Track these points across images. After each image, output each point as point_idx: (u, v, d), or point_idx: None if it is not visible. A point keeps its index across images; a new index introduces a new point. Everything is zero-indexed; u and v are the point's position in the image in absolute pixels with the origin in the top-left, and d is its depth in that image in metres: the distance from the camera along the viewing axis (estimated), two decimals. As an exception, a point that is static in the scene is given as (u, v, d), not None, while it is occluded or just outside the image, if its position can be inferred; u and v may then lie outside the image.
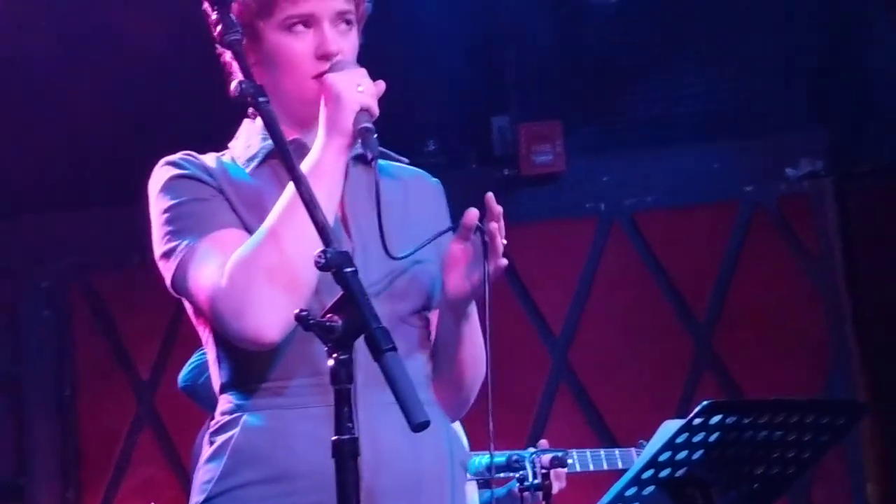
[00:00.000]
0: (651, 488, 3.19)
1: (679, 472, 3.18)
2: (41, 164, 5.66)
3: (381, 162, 2.55)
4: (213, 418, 2.56)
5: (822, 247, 6.06)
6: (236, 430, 2.46)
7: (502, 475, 3.89)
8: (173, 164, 2.54)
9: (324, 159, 2.43)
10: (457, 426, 4.01)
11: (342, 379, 2.21)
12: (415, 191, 2.66)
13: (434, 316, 2.60)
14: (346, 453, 2.19)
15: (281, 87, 2.52)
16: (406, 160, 2.66)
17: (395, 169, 2.65)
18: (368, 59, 2.56)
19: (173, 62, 5.21)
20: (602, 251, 6.07)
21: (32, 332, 6.01)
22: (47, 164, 5.67)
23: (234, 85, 2.41)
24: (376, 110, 2.44)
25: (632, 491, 3.19)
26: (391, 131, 2.50)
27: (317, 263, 2.22)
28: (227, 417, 2.49)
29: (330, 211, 2.40)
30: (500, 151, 6.04)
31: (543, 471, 3.68)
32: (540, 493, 3.67)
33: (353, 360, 2.20)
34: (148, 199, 2.56)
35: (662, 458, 3.14)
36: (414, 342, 2.55)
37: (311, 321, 2.22)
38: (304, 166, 2.40)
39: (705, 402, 3.11)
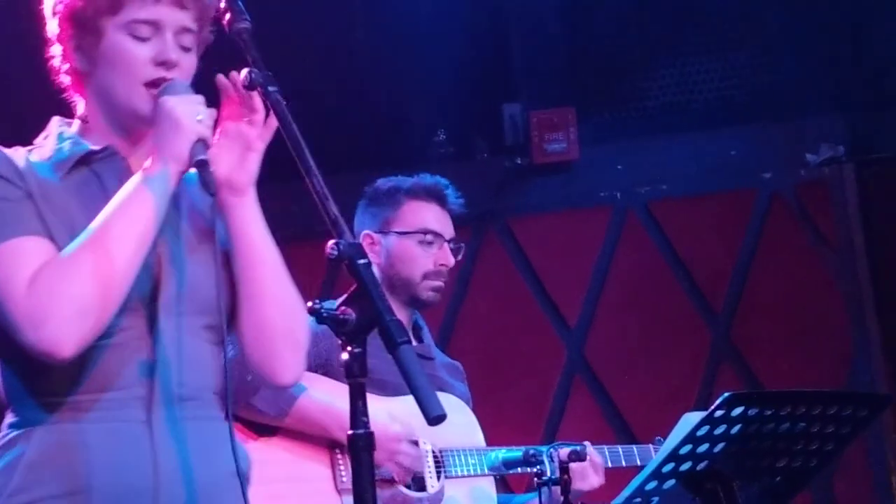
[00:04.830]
0: (671, 482, 3.17)
1: (700, 466, 3.16)
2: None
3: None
4: None
5: (842, 234, 5.99)
6: (28, 445, 2.42)
7: (519, 470, 3.84)
8: None
9: (154, 184, 2.39)
10: (470, 418, 3.96)
11: (355, 373, 2.21)
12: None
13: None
14: (360, 447, 2.20)
15: (112, 88, 2.49)
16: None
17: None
18: (376, 50, 2.52)
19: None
20: (617, 241, 6.01)
21: None
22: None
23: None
24: (212, 142, 2.42)
25: (652, 485, 3.17)
26: (399, 122, 2.46)
27: (329, 255, 2.21)
28: (16, 432, 2.44)
29: (148, 233, 2.38)
30: (511, 140, 5.96)
31: (562, 465, 3.64)
32: (559, 489, 3.63)
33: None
34: None
35: (683, 451, 3.13)
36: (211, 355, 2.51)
37: (325, 314, 2.21)
38: (131, 184, 2.39)
39: (727, 394, 3.09)
